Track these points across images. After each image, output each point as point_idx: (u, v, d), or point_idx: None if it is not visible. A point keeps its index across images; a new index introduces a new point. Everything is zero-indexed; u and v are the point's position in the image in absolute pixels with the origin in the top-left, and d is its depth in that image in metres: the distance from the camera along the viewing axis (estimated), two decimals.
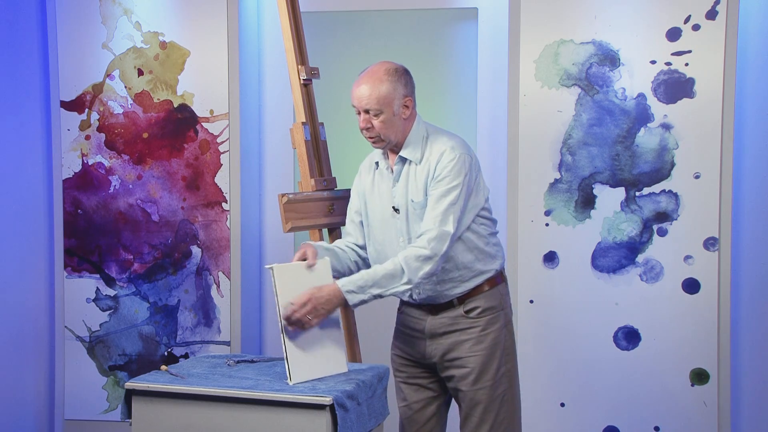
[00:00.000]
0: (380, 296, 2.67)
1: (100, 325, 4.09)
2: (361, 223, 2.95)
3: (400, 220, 2.80)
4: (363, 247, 2.97)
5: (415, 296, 2.83)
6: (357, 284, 2.65)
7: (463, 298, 2.78)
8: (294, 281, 2.71)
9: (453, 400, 2.95)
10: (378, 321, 4.03)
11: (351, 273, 2.95)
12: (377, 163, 2.89)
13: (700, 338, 3.61)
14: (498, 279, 2.83)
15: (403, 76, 2.77)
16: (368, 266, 2.94)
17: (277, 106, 4.16)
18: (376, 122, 2.73)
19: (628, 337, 3.68)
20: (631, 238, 3.65)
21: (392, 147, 2.81)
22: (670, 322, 3.63)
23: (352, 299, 2.65)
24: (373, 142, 2.78)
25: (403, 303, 2.95)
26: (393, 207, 2.81)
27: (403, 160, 2.79)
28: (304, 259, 2.75)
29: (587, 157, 3.67)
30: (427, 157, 2.76)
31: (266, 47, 4.15)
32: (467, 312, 2.78)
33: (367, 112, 2.73)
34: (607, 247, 3.67)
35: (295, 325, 2.63)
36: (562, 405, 3.73)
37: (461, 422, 2.87)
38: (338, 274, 2.96)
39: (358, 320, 3.51)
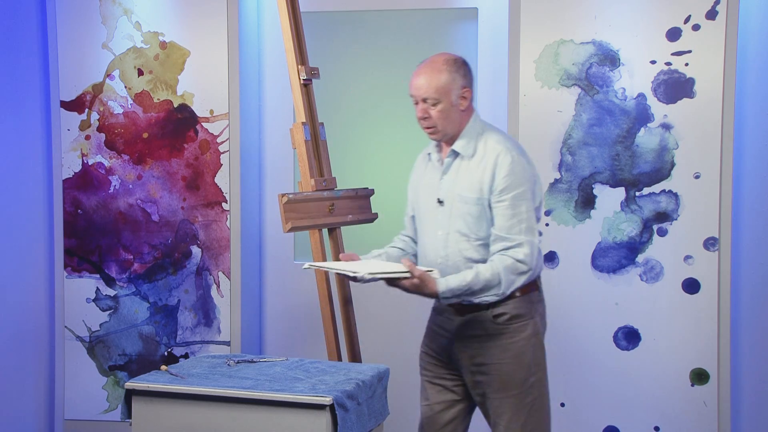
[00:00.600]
0: (469, 301, 2.71)
1: (100, 325, 4.09)
2: (413, 216, 2.95)
3: (442, 213, 2.77)
4: (414, 239, 2.97)
5: None
6: (455, 292, 2.64)
7: (493, 303, 2.72)
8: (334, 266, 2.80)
9: (477, 408, 2.89)
10: (378, 321, 4.04)
11: None
12: (429, 154, 2.88)
13: (700, 338, 3.61)
14: (531, 287, 2.76)
15: (462, 67, 2.75)
16: None
17: (277, 106, 4.16)
18: (433, 112, 2.71)
19: (628, 337, 3.67)
20: (631, 238, 3.65)
21: (447, 139, 2.79)
22: (670, 322, 3.63)
23: (445, 302, 2.71)
24: (430, 133, 2.77)
25: (435, 301, 2.91)
26: (437, 199, 2.79)
27: (455, 153, 2.77)
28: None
29: (587, 157, 3.67)
30: (482, 155, 2.73)
31: (266, 47, 4.15)
32: (495, 317, 2.73)
33: (425, 101, 2.72)
34: (607, 247, 3.67)
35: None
36: (562, 405, 3.73)
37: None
38: None
39: (358, 320, 3.51)
